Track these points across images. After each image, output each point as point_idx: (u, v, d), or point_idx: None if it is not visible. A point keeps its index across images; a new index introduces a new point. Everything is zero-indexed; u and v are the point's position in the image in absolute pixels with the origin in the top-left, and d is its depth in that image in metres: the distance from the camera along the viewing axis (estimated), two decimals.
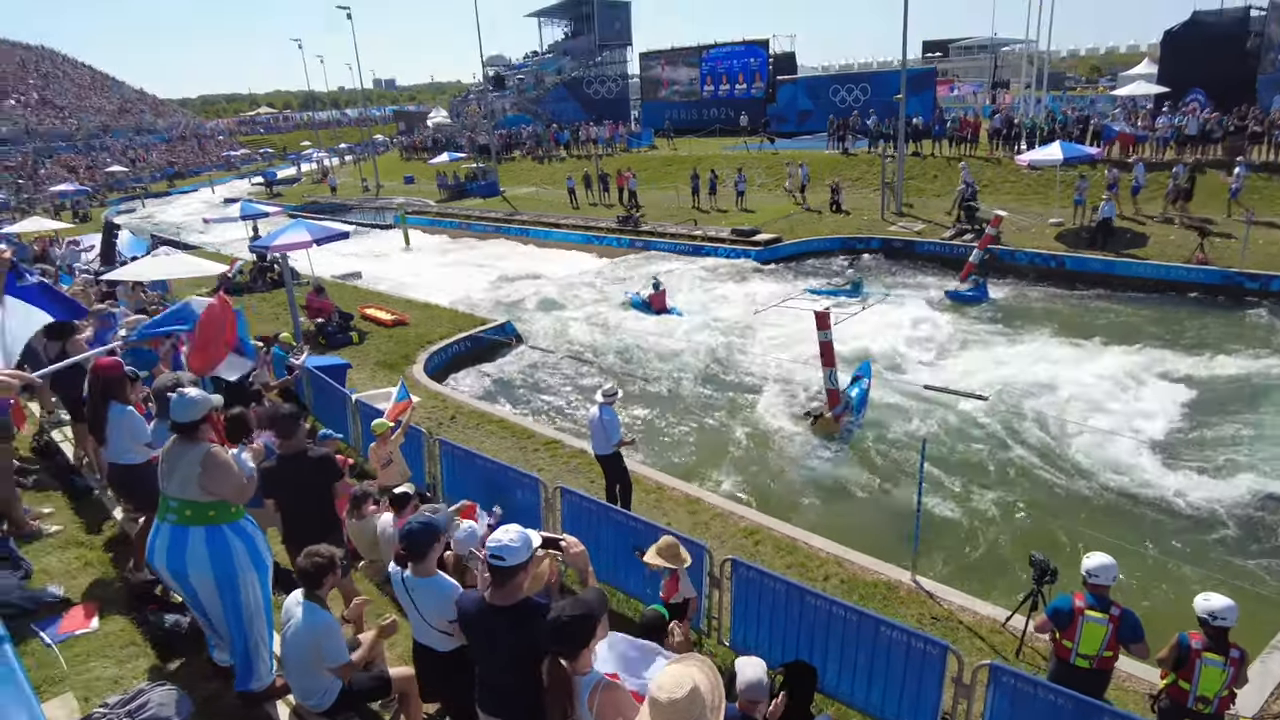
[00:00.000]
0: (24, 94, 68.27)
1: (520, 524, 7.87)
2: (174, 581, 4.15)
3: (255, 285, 21.96)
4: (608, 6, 59.90)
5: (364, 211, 39.86)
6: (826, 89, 43.45)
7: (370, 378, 14.46)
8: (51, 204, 43.80)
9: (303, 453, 5.09)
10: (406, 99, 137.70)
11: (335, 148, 68.89)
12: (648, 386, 15.42)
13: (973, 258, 19.97)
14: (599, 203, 33.58)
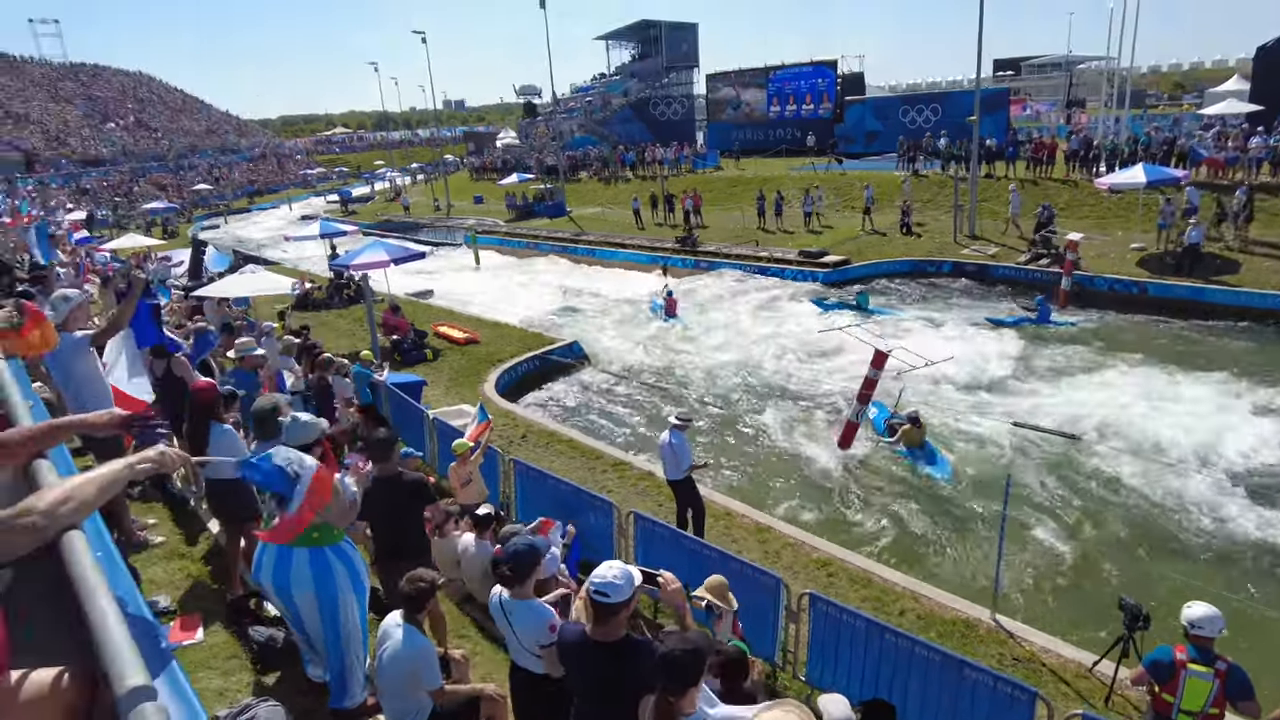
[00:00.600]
0: (123, 118, 72.30)
1: (592, 546, 7.98)
2: (278, 598, 4.31)
3: (332, 302, 22.71)
4: (675, 29, 60.46)
5: (435, 230, 40.89)
6: (896, 109, 42.99)
7: (444, 394, 14.78)
8: (144, 220, 46.12)
9: (397, 476, 5.23)
10: (476, 120, 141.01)
11: (407, 167, 70.92)
12: (713, 408, 15.38)
13: (1064, 285, 19.30)
14: (664, 223, 33.77)
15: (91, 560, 1.53)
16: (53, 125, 62.53)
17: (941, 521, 10.88)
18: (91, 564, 1.50)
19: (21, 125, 59.72)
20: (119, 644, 1.28)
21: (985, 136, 29.64)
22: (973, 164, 27.30)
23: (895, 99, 46.75)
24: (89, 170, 57.52)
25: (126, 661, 1.24)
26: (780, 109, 49.86)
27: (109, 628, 1.31)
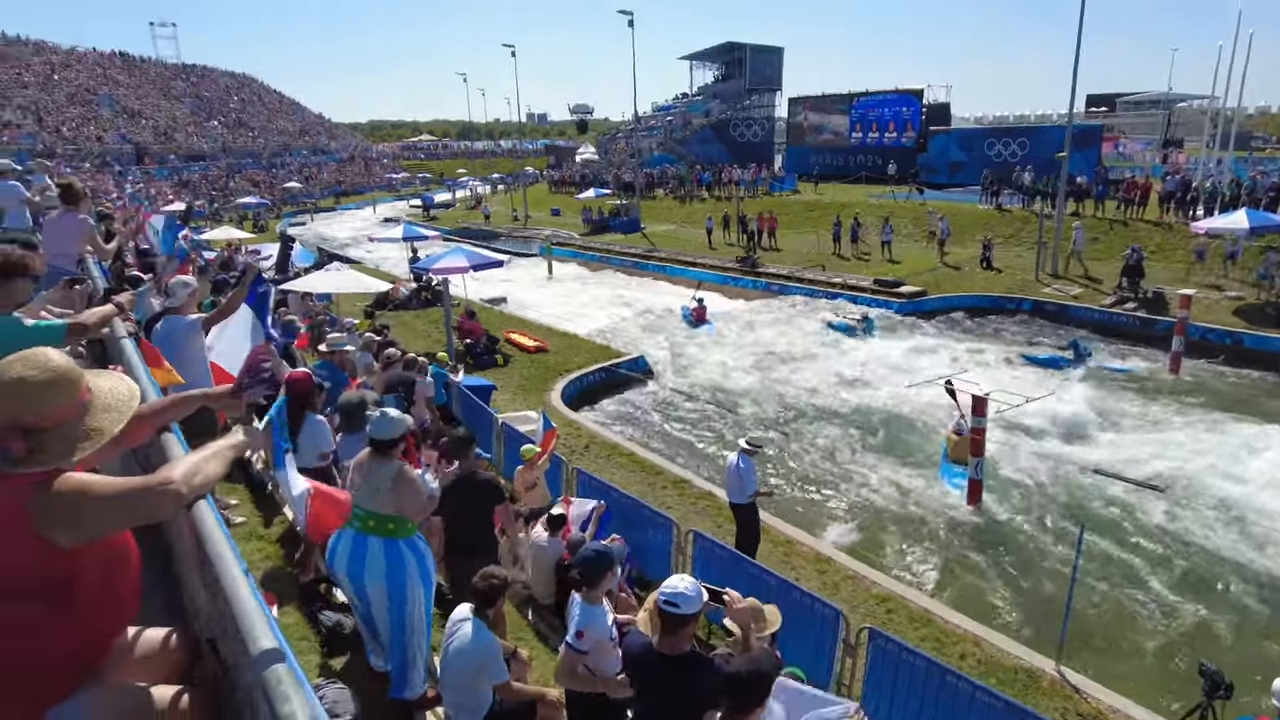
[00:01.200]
0: (225, 116, 75.98)
1: (649, 562, 8.01)
2: (350, 585, 4.46)
3: (410, 304, 23.36)
4: (760, 52, 60.57)
5: (512, 240, 41.73)
6: (981, 141, 42.16)
7: (512, 400, 15.06)
8: (236, 214, 48.27)
9: (472, 475, 5.38)
10: (557, 134, 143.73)
11: (488, 177, 72.56)
12: (777, 431, 15.27)
13: (1175, 345, 17.82)
14: (736, 244, 33.74)
15: (222, 532, 1.65)
16: (162, 121, 66.12)
17: (1007, 563, 10.58)
18: (223, 535, 1.62)
19: (136, 120, 63.35)
20: (251, 610, 1.39)
21: (1075, 173, 28.80)
22: (1059, 201, 26.55)
23: (981, 130, 45.85)
24: (191, 165, 60.54)
25: (258, 625, 1.35)
26: (862, 135, 49.39)
27: (241, 595, 1.42)
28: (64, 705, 1.90)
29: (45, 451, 1.82)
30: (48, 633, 1.85)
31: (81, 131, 55.51)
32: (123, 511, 1.90)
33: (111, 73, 70.97)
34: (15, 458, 1.80)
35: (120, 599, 2.02)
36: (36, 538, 1.76)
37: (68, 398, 1.87)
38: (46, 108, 56.36)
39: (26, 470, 1.80)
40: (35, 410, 1.82)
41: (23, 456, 1.80)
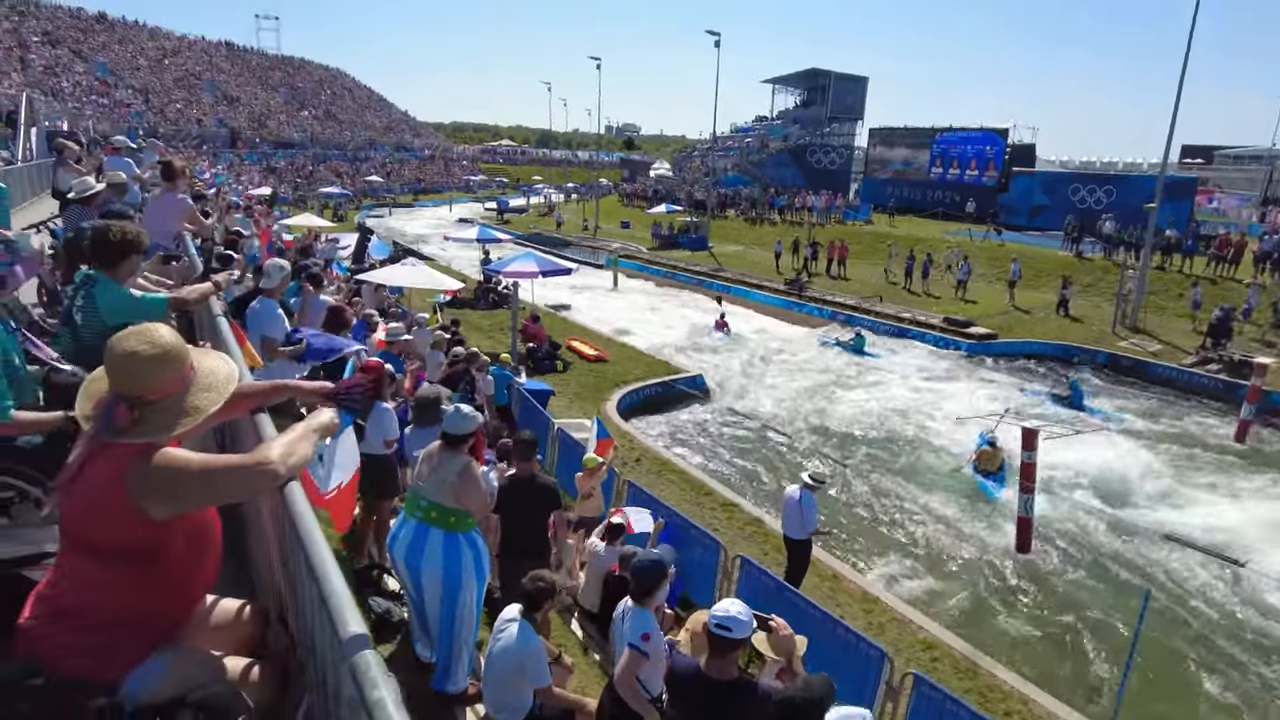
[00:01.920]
0: (316, 108, 78.79)
1: (694, 583, 7.97)
2: (407, 573, 4.55)
3: (478, 303, 23.81)
4: (844, 80, 60.17)
5: (580, 249, 42.17)
6: (1066, 186, 41.05)
7: (568, 406, 15.19)
8: (318, 202, 49.91)
9: (532, 477, 5.46)
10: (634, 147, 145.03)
11: (563, 185, 73.56)
12: (835, 463, 15.04)
13: (1244, 413, 17.02)
14: (805, 269, 33.45)
15: (313, 514, 1.72)
16: (258, 109, 68.89)
17: (1059, 618, 10.22)
18: (314, 518, 1.69)
19: (234, 107, 66.18)
20: (341, 594, 1.44)
21: (1163, 226, 27.81)
22: (1145, 253, 25.64)
23: (1066, 175, 44.61)
24: (280, 152, 62.87)
25: (348, 610, 1.40)
26: (942, 171, 48.57)
27: (331, 578, 1.48)
28: (144, 665, 1.99)
29: (147, 424, 1.92)
30: (134, 593, 1.95)
31: (184, 114, 58.22)
32: (220, 488, 1.99)
33: (216, 60, 74.35)
34: (119, 427, 1.89)
35: (202, 570, 2.12)
36: (131, 507, 1.85)
37: (173, 374, 1.97)
38: (155, 89, 59.27)
39: (128, 440, 1.89)
40: (143, 384, 1.91)
41: (126, 427, 1.90)
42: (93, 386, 2.04)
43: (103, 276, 3.75)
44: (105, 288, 3.71)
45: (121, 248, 3.76)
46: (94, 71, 53.66)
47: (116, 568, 1.93)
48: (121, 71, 57.96)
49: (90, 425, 1.94)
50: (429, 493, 4.37)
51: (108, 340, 1.97)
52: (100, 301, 3.67)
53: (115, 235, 3.76)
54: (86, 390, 2.04)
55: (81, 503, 1.90)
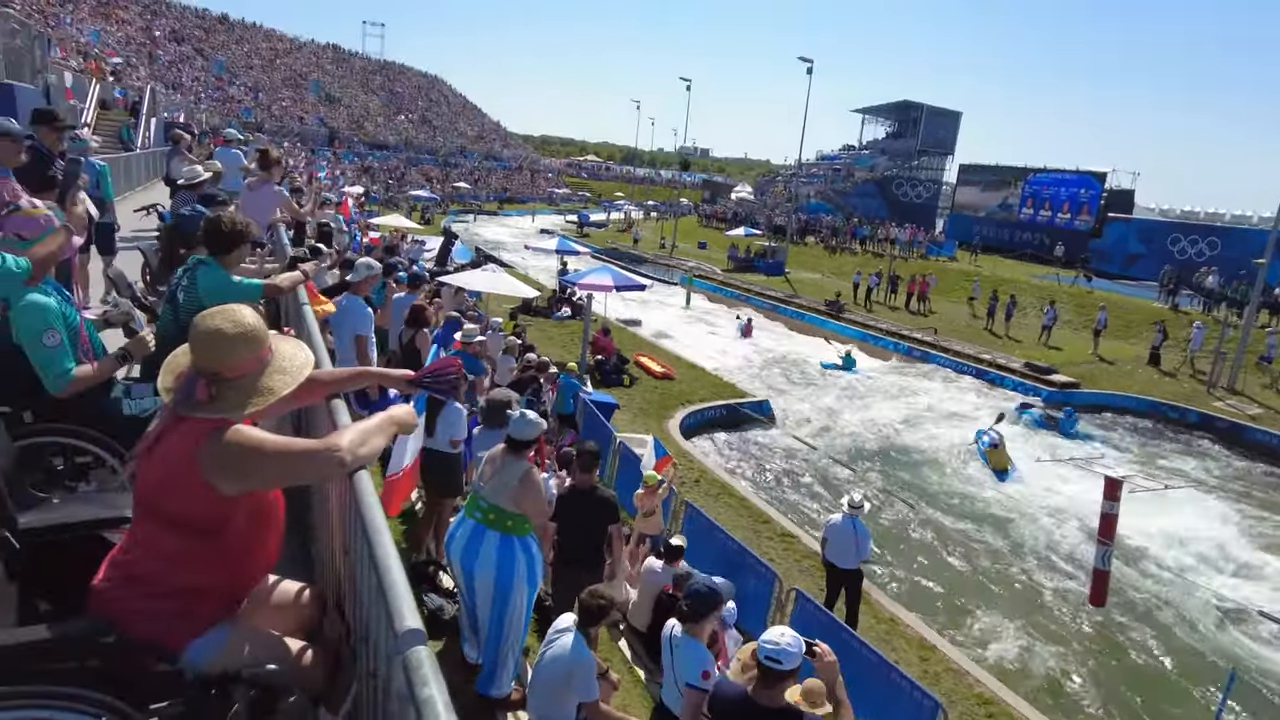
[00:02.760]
0: (413, 113, 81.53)
1: (745, 612, 7.83)
2: (461, 572, 4.58)
3: (551, 312, 24.11)
4: (937, 114, 59.19)
5: (656, 266, 42.34)
6: (1165, 235, 39.33)
7: (631, 421, 15.19)
8: (407, 204, 51.43)
9: (592, 489, 5.45)
10: (716, 169, 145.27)
11: (643, 203, 74.09)
12: (902, 501, 14.64)
13: None
14: (884, 303, 32.85)
15: (380, 505, 1.73)
16: (357, 110, 71.70)
17: (1134, 687, 9.67)
18: (380, 510, 1.70)
19: (335, 107, 69.03)
20: (401, 588, 1.44)
21: (1273, 283, 26.32)
22: (1249, 310, 24.29)
23: (1166, 224, 42.69)
24: (375, 153, 65.17)
25: (406, 604, 1.40)
26: (1033, 212, 47.13)
27: (393, 571, 1.48)
28: (205, 636, 2.04)
29: (223, 400, 1.97)
30: (198, 565, 2.00)
31: (289, 111, 61.00)
32: (288, 470, 2.03)
33: (323, 62, 77.75)
34: (197, 402, 1.95)
35: (263, 549, 2.16)
36: (201, 481, 1.91)
37: (251, 353, 2.02)
38: (264, 87, 62.31)
39: (204, 415, 1.95)
40: (222, 360, 1.97)
41: (204, 402, 1.95)
42: (175, 361, 2.12)
43: (211, 261, 3.96)
44: (208, 271, 3.91)
45: (233, 237, 3.99)
46: (212, 68, 56.79)
47: (183, 538, 1.98)
48: (236, 69, 61.16)
49: (170, 398, 2.01)
50: (489, 495, 4.40)
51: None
52: (201, 283, 3.87)
53: (227, 225, 3.98)
54: (169, 365, 2.11)
55: (156, 472, 1.96)
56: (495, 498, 4.39)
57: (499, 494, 4.37)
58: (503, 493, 4.35)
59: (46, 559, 2.32)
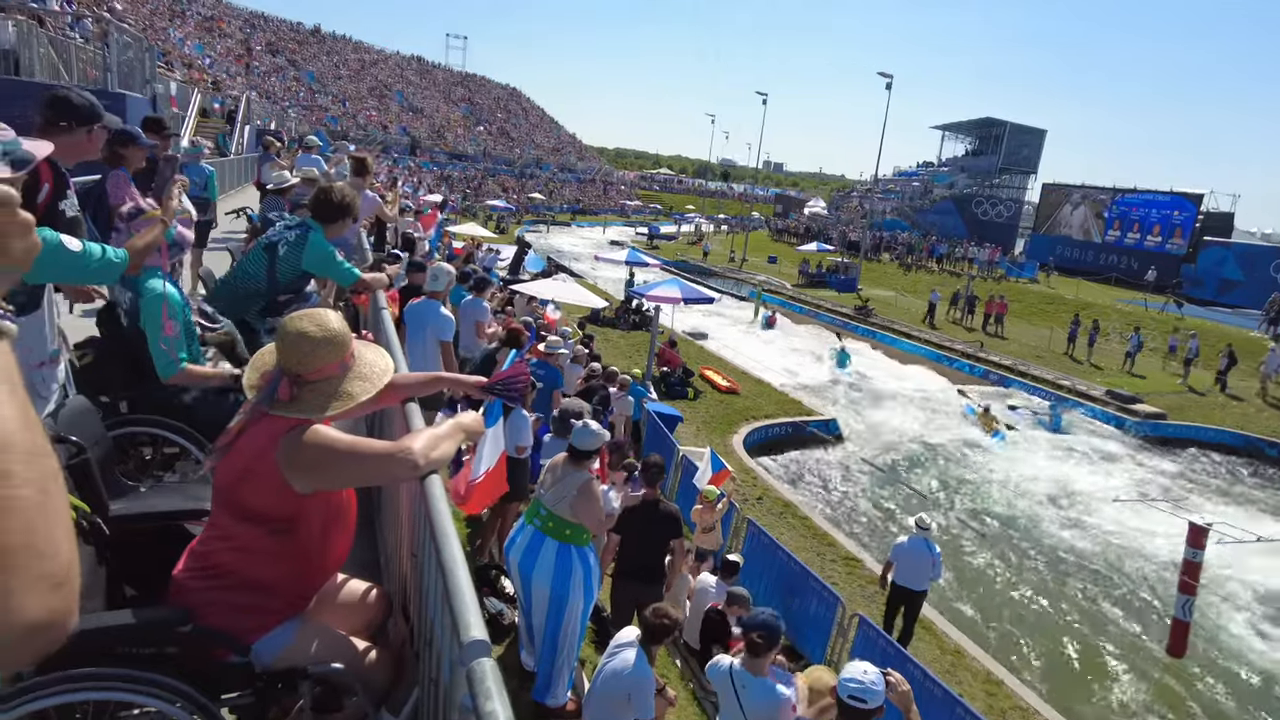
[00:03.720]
0: (492, 124, 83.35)
1: (804, 635, 7.66)
2: (519, 577, 4.62)
3: (619, 322, 24.24)
4: (1020, 132, 57.46)
5: (725, 280, 42.16)
6: (1268, 261, 37.19)
7: (694, 434, 15.11)
8: (484, 213, 52.51)
9: (656, 502, 5.43)
10: (790, 183, 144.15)
11: (714, 216, 73.99)
12: (973, 531, 14.18)
13: None
14: (959, 323, 31.95)
15: (449, 511, 1.74)
16: (438, 121, 73.69)
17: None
18: (450, 517, 1.71)
19: (417, 117, 71.13)
20: (467, 597, 1.45)
21: None
22: None
23: (1270, 249, 40.39)
24: (454, 163, 66.80)
25: (472, 614, 1.40)
26: (1120, 235, 45.26)
27: (460, 579, 1.49)
28: (275, 631, 2.09)
29: (304, 401, 2.03)
30: (271, 560, 2.06)
31: (373, 120, 63.08)
32: (363, 471, 2.07)
33: (407, 73, 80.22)
34: (280, 400, 2.01)
35: (333, 548, 2.21)
36: (278, 477, 1.96)
37: (334, 357, 2.07)
38: (351, 96, 64.64)
39: (285, 414, 2.01)
40: (306, 362, 2.03)
41: (286, 401, 2.01)
42: (260, 359, 2.19)
43: (318, 226, 4.14)
44: (318, 238, 4.09)
45: (340, 209, 4.18)
46: (303, 78, 59.22)
47: (258, 533, 2.04)
48: (325, 79, 63.61)
49: (254, 395, 2.07)
50: (549, 502, 4.43)
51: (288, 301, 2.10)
52: (310, 248, 4.06)
53: (337, 196, 4.17)
54: (254, 363, 2.19)
55: (235, 467, 2.02)
56: (555, 506, 4.42)
57: (559, 503, 4.40)
58: (563, 502, 4.38)
59: (132, 546, 2.42)
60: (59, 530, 0.68)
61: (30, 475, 0.66)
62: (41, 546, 0.65)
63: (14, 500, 0.64)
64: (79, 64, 14.17)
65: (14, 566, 0.62)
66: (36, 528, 0.65)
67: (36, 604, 0.63)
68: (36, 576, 0.64)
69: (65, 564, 0.67)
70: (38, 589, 0.63)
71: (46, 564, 0.65)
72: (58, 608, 0.65)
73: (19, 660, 0.63)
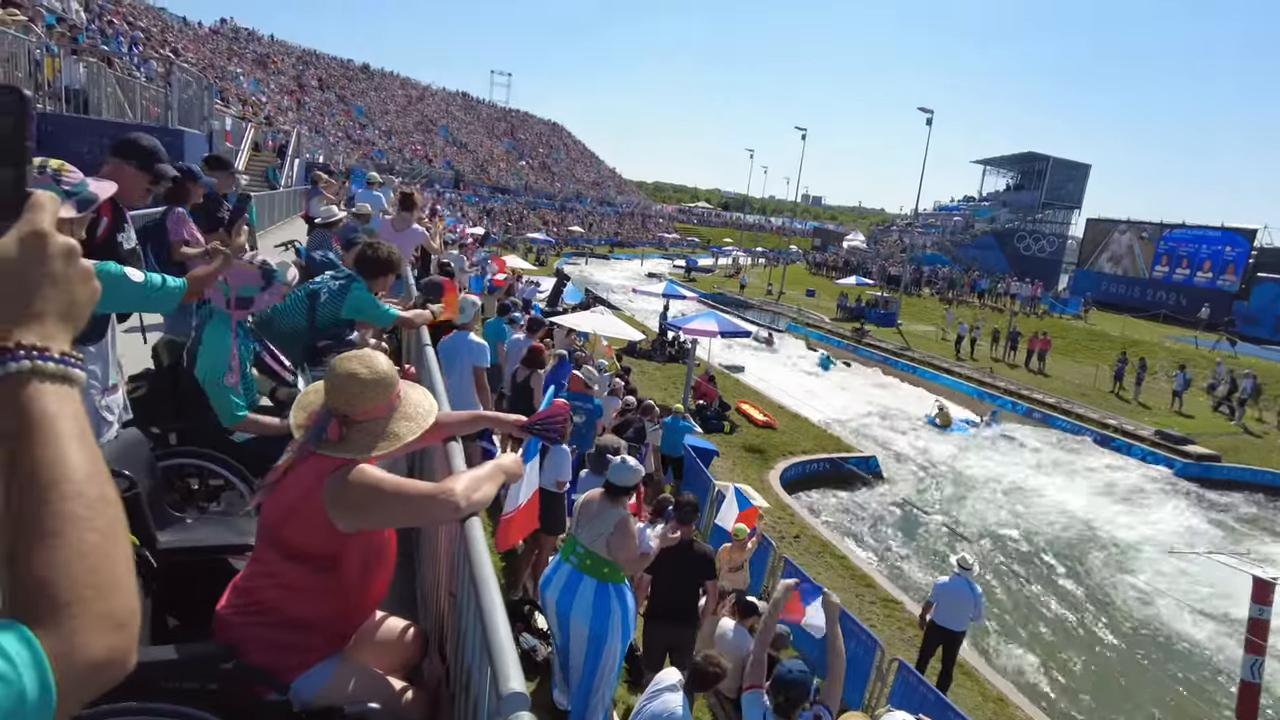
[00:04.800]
0: (534, 159, 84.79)
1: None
2: (556, 616, 4.58)
3: (655, 355, 24.27)
4: (1064, 166, 56.82)
5: (762, 313, 42.07)
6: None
7: (730, 469, 14.99)
8: (524, 246, 53.18)
9: (690, 543, 5.36)
10: (828, 217, 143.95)
11: (752, 249, 74.07)
12: (1014, 576, 13.79)
13: None
14: (1002, 359, 31.41)
15: (488, 551, 1.75)
16: (482, 155, 75.15)
17: None
18: (489, 560, 1.72)
19: (462, 151, 72.64)
20: (506, 645, 1.44)
21: None
22: None
23: None
24: (496, 196, 67.92)
25: (510, 664, 1.40)
26: (1168, 270, 44.34)
27: (499, 627, 1.49)
28: (314, 669, 2.10)
29: (350, 441, 2.05)
30: (312, 598, 2.07)
31: (419, 154, 64.56)
32: (406, 512, 2.09)
33: (452, 109, 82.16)
34: (328, 441, 2.03)
35: (372, 586, 2.21)
36: (322, 516, 1.98)
37: (382, 398, 2.09)
38: (398, 131, 66.28)
39: (330, 454, 2.03)
40: (355, 403, 2.05)
41: (335, 441, 2.04)
42: (306, 399, 2.22)
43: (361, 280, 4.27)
44: (360, 289, 4.21)
45: (384, 266, 4.32)
46: (352, 113, 60.96)
47: (300, 571, 2.06)
48: (373, 114, 65.37)
49: (301, 434, 2.11)
50: (586, 539, 4.41)
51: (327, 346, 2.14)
52: (351, 297, 4.17)
53: (383, 254, 4.31)
54: (300, 402, 2.22)
55: (280, 504, 2.05)
56: (592, 544, 4.39)
57: (595, 540, 4.37)
58: (599, 540, 4.35)
59: (177, 578, 2.46)
60: (122, 573, 0.71)
61: (97, 521, 0.70)
62: (106, 588, 0.69)
63: (82, 544, 0.68)
64: (143, 102, 14.78)
65: (79, 607, 0.66)
66: (101, 570, 0.69)
67: (99, 643, 0.67)
68: (100, 616, 0.67)
69: (127, 605, 0.71)
70: (101, 629, 0.67)
71: (110, 604, 0.69)
72: (119, 646, 0.69)
73: (80, 696, 0.66)
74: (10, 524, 0.69)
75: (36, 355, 0.73)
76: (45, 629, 0.64)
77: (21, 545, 0.67)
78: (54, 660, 0.63)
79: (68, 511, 0.69)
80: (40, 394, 0.73)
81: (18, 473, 0.70)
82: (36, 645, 0.63)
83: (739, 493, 9.90)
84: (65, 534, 0.68)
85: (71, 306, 0.79)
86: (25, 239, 0.75)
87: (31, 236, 0.76)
